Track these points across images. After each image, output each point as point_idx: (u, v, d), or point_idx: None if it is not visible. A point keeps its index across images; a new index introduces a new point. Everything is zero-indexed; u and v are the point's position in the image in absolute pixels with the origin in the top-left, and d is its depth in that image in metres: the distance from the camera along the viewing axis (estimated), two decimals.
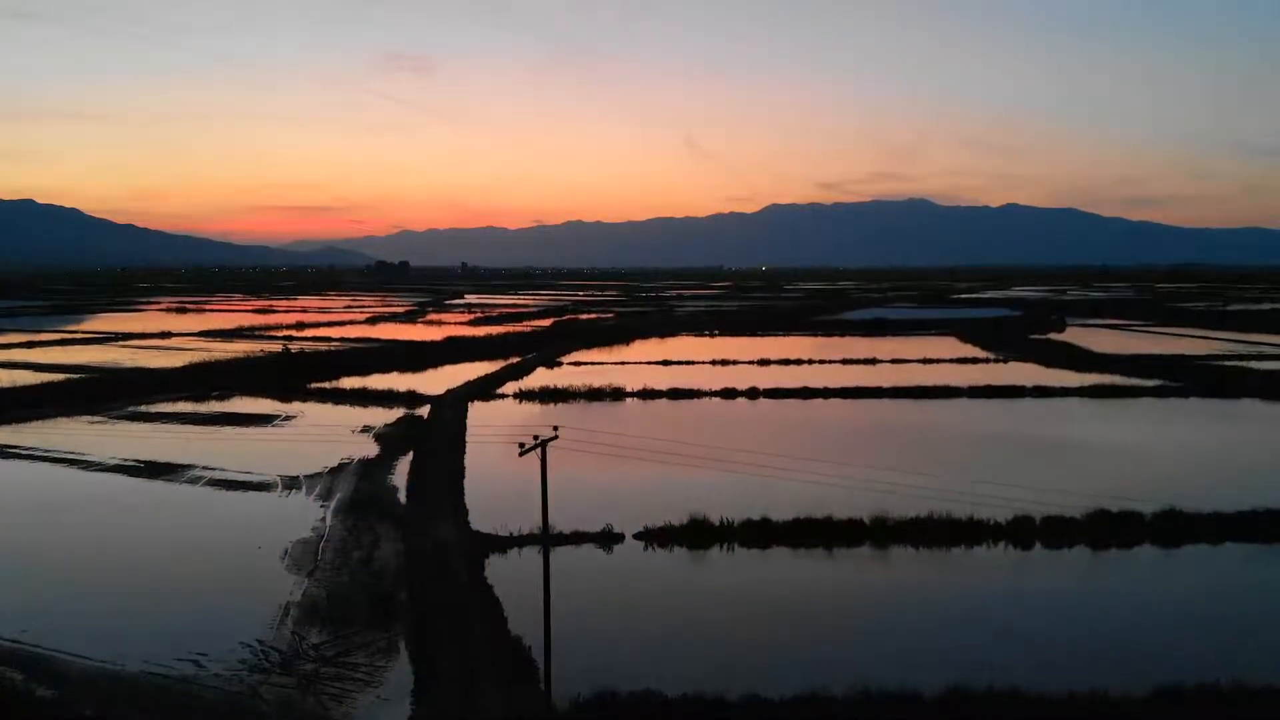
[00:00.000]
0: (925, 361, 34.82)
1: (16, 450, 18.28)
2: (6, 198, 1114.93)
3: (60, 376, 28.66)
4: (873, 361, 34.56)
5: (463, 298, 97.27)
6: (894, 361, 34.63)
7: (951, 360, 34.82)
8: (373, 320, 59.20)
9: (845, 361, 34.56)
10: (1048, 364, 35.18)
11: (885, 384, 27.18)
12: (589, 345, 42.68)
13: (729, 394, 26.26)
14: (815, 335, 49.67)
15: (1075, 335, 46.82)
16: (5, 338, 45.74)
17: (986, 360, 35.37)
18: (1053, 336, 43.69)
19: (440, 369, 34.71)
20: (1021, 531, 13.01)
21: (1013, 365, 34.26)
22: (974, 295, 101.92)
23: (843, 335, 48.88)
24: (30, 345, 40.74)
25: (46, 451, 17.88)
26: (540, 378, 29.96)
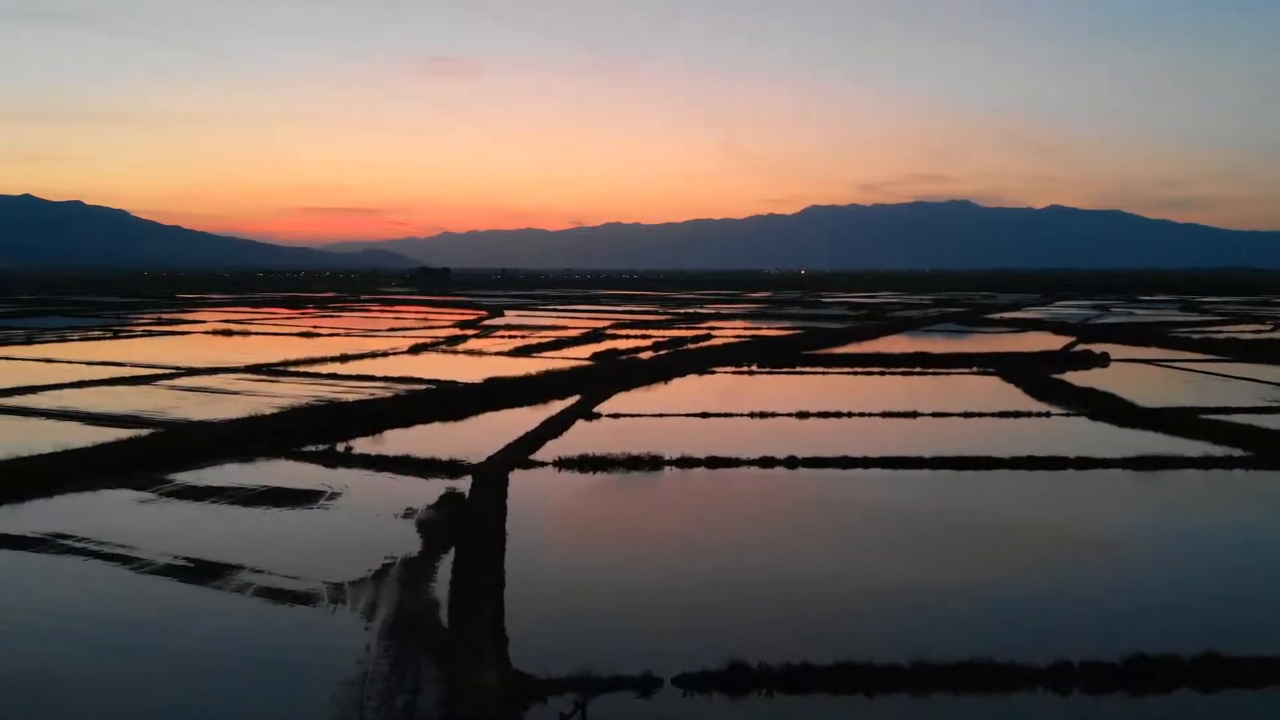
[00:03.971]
0: (966, 415, 34.55)
1: (70, 540, 18.61)
2: (56, 199, 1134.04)
3: (110, 434, 29.12)
4: (913, 415, 34.33)
5: (503, 315, 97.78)
6: (935, 415, 34.37)
7: (993, 414, 34.52)
8: (415, 350, 59.61)
9: (885, 415, 34.34)
10: (1093, 417, 34.81)
11: (925, 452, 26.92)
12: (627, 386, 42.73)
13: (767, 463, 26.18)
14: (855, 372, 49.37)
15: (1121, 377, 46.33)
16: (55, 371, 46.58)
17: (1028, 414, 35.00)
18: (1096, 380, 43.19)
19: (481, 417, 34.90)
20: (1060, 678, 12.94)
21: (1055, 421, 33.93)
22: (1017, 316, 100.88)
23: (883, 374, 48.58)
24: (80, 385, 41.44)
25: (99, 545, 18.16)
26: (579, 436, 30.04)
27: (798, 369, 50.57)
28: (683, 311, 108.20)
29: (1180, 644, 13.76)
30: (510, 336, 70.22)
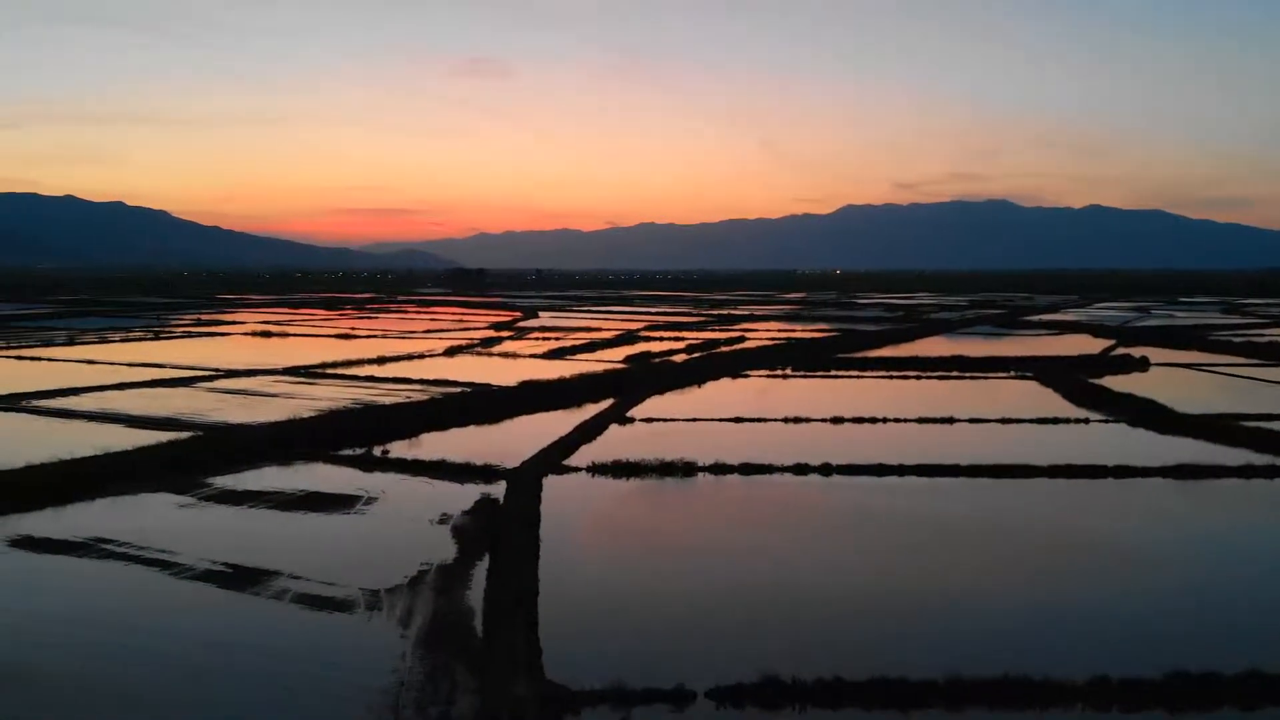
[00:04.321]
0: (1004, 421, 34.25)
1: (111, 545, 18.88)
2: (98, 200, 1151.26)
3: (150, 437, 29.52)
4: (950, 421, 34.08)
5: (537, 317, 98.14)
6: (972, 421, 34.10)
7: (1031, 420, 34.20)
8: (450, 352, 59.99)
9: (921, 421, 34.11)
10: (1133, 423, 34.41)
11: (963, 460, 26.72)
12: (661, 390, 42.75)
13: (801, 470, 26.09)
14: (890, 376, 49.09)
15: (1160, 381, 45.76)
16: (97, 373, 47.28)
17: (1067, 420, 34.64)
18: (1135, 385, 42.67)
19: (515, 420, 35.06)
20: (1098, 694, 12.81)
21: (1094, 428, 33.58)
22: (1055, 318, 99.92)
23: (919, 378, 48.27)
24: (122, 387, 42.04)
25: (140, 550, 18.42)
26: (613, 441, 30.09)
27: (832, 372, 50.40)
28: (716, 313, 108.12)
29: (1222, 661, 13.58)
30: (544, 338, 70.49)
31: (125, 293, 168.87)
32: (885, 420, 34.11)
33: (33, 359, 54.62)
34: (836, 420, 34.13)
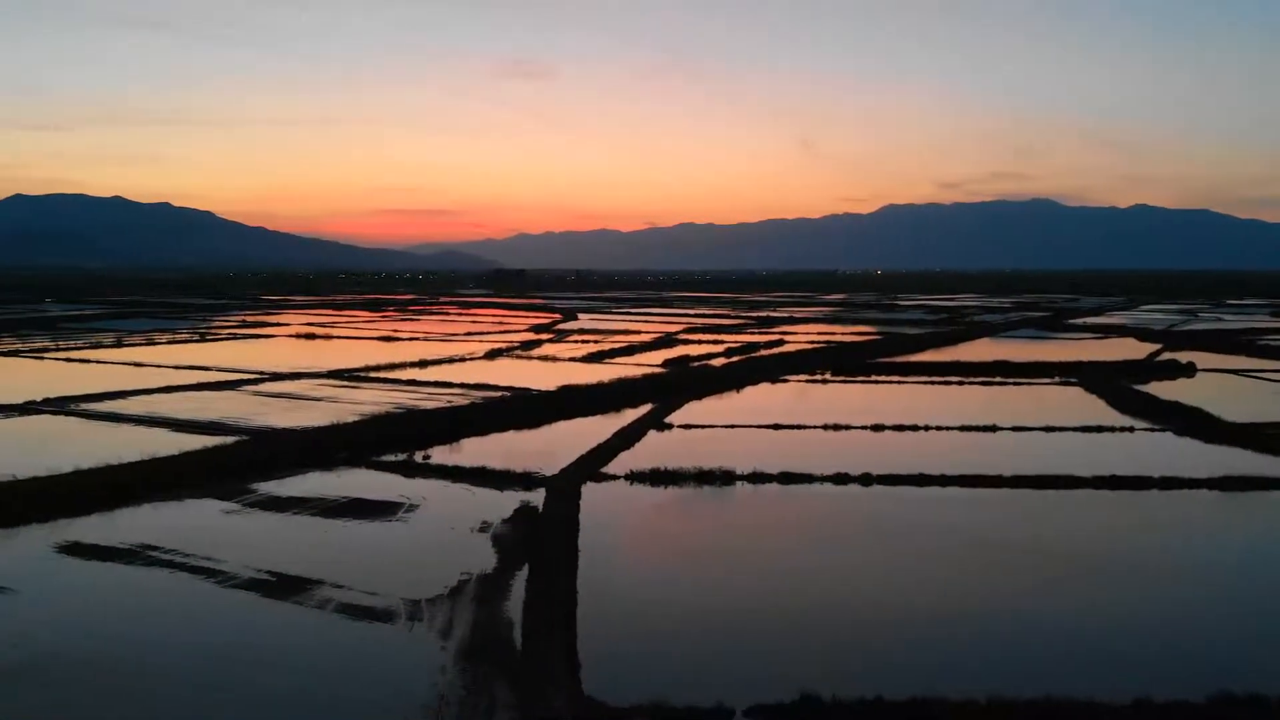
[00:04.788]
0: (1048, 430, 33.86)
1: (158, 552, 19.18)
2: (144, 201, 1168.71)
3: (196, 441, 29.95)
4: (993, 429, 33.75)
5: (576, 319, 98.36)
6: (1015, 429, 33.75)
7: (1075, 428, 33.78)
8: (491, 355, 60.32)
9: (963, 428, 33.80)
10: (1179, 432, 33.91)
11: (1005, 470, 26.47)
12: (699, 395, 42.73)
13: (841, 479, 25.96)
14: (932, 381, 48.70)
15: (1208, 388, 45.04)
16: (144, 376, 47.97)
17: (1111, 429, 34.18)
18: (1182, 392, 42.06)
19: (554, 425, 35.22)
20: (1141, 717, 12.65)
21: (1139, 436, 33.14)
22: (1100, 321, 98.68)
23: (961, 383, 47.86)
24: (168, 390, 42.68)
25: (186, 558, 18.69)
26: (651, 447, 30.13)
27: (873, 378, 50.06)
28: (755, 315, 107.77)
29: (1268, 683, 13.37)
30: (583, 341, 70.64)
31: (172, 293, 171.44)
32: (927, 428, 33.83)
33: (81, 361, 55.60)
34: (877, 427, 33.91)
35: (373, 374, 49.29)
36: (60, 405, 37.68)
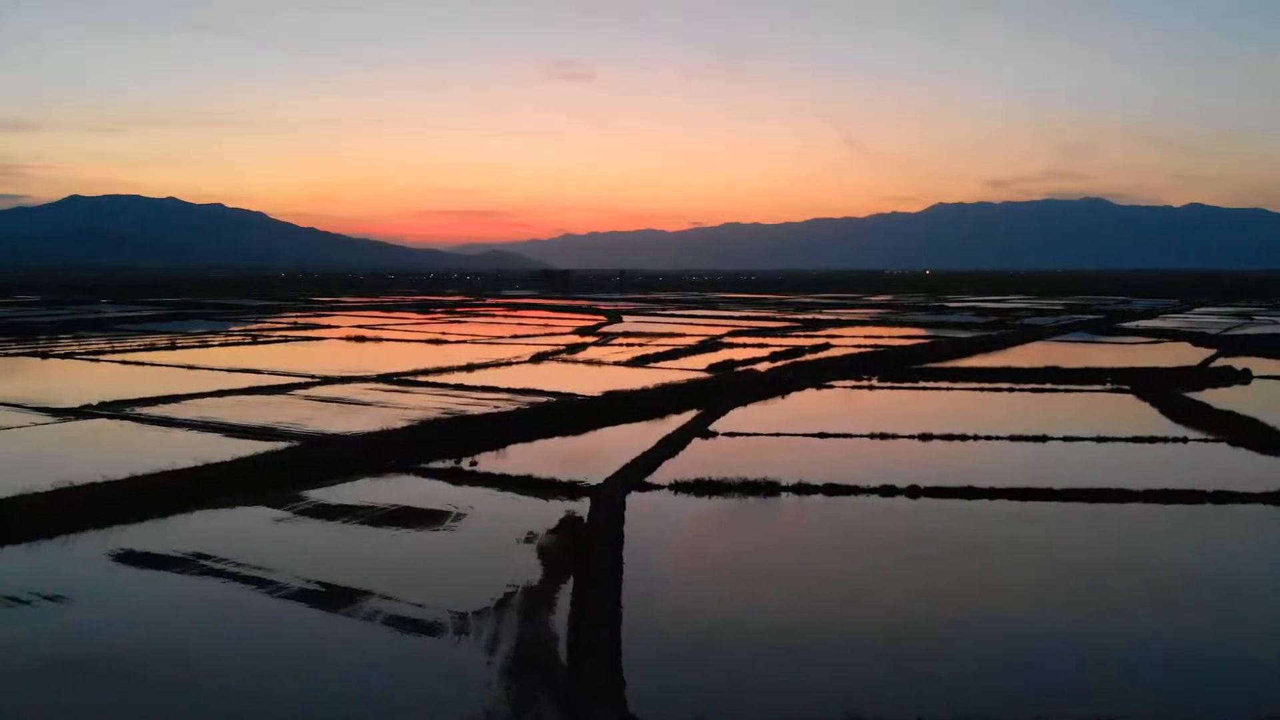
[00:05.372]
0: (1099, 440, 33.39)
1: (209, 561, 19.51)
2: (198, 202, 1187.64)
3: (247, 447, 30.44)
4: (1043, 439, 33.34)
5: (621, 321, 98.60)
6: (1065, 439, 33.32)
7: (1126, 439, 33.30)
8: (537, 359, 60.63)
9: (1013, 438, 33.42)
10: (1233, 443, 33.29)
11: (1056, 483, 26.16)
12: (744, 401, 42.66)
13: (888, 492, 25.77)
14: (981, 387, 48.20)
15: (1264, 396, 44.19)
16: (197, 379, 48.72)
17: (1164, 439, 33.63)
18: (1237, 400, 41.29)
19: (599, 432, 35.39)
20: None
21: (1192, 448, 32.59)
22: (1152, 325, 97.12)
23: (1011, 390, 47.31)
24: (221, 394, 43.34)
25: (237, 567, 18.99)
26: (695, 456, 30.17)
27: (920, 384, 49.65)
28: (801, 318, 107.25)
29: None
30: (628, 345, 70.76)
31: (225, 294, 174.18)
32: (975, 438, 33.48)
33: (136, 363, 56.68)
34: (925, 437, 33.62)
35: (421, 378, 49.73)
36: (115, 409, 38.40)
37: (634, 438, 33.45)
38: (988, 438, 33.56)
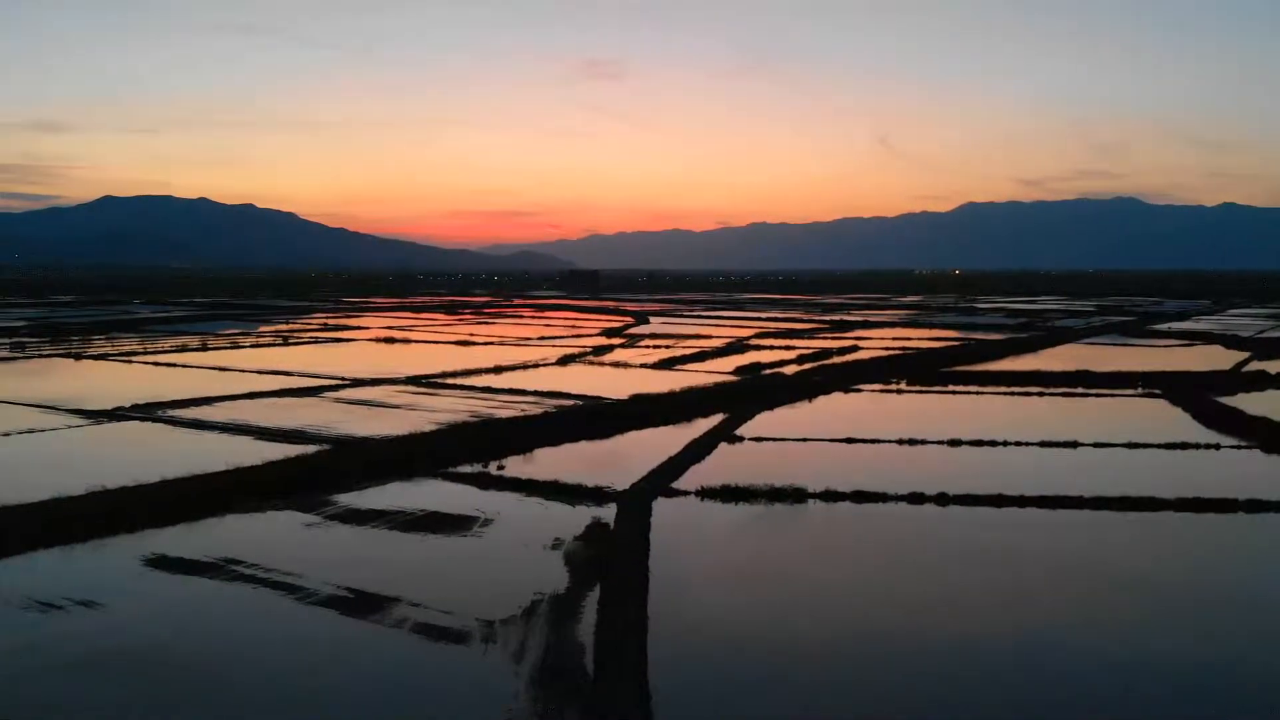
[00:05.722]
0: (1130, 446, 33.08)
1: (240, 566, 19.69)
2: (230, 202, 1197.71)
3: (278, 450, 30.71)
4: (1073, 445, 33.06)
5: (648, 323, 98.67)
6: (1096, 446, 33.02)
7: (1158, 445, 32.98)
8: (563, 361, 60.75)
9: (1043, 444, 33.16)
10: (1267, 450, 32.92)
11: (1086, 491, 25.94)
12: (770, 405, 42.57)
13: (916, 499, 25.65)
14: (1011, 391, 47.86)
15: None
16: (228, 381, 49.11)
17: (1196, 446, 33.27)
18: (1271, 406, 40.79)
19: (626, 436, 35.45)
20: None
21: (1225, 455, 32.26)
22: (1184, 327, 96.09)
23: (1041, 394, 46.95)
24: (252, 396, 43.70)
25: (267, 572, 19.17)
26: (722, 461, 30.16)
27: (950, 387, 49.33)
28: (829, 319, 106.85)
29: None
30: (655, 347, 70.77)
31: (256, 294, 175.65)
32: (1005, 443, 33.25)
33: (168, 365, 57.28)
34: (954, 443, 33.41)
35: (449, 380, 49.96)
36: (148, 411, 38.82)
37: (660, 442, 33.46)
38: (1017, 443, 33.32)
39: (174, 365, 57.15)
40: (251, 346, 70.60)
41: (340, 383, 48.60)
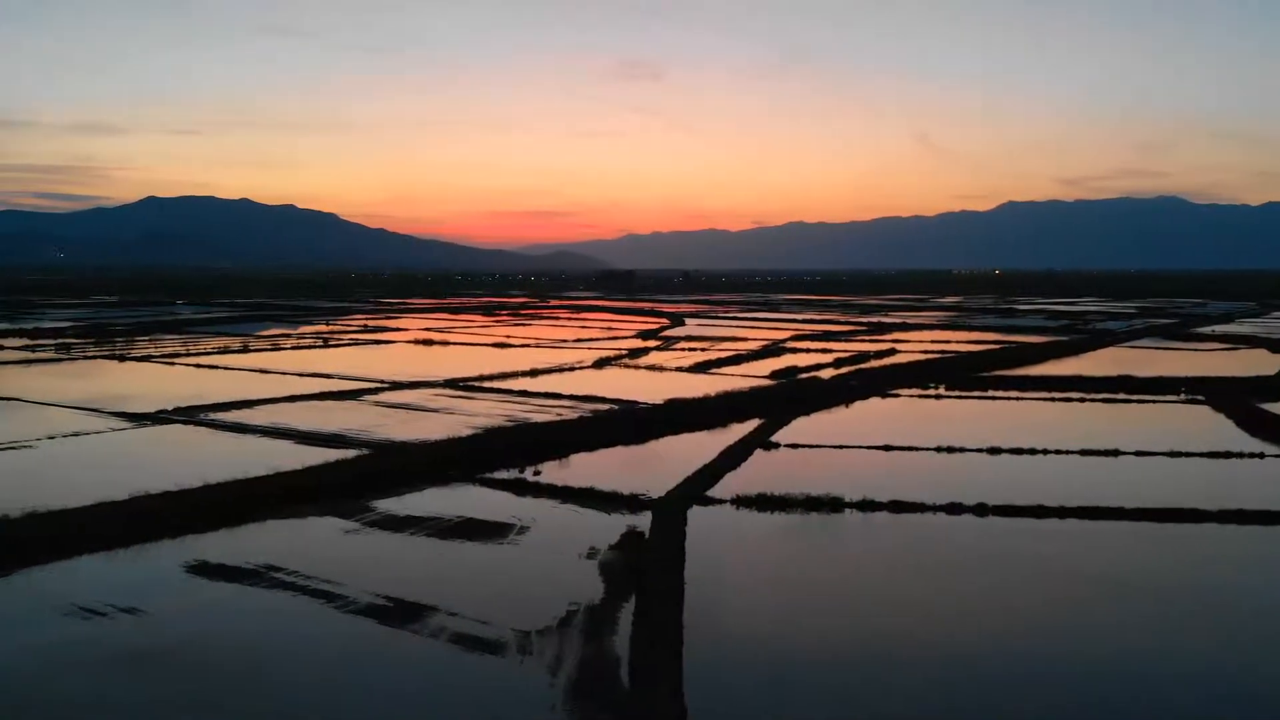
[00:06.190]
0: (1172, 455, 32.67)
1: (280, 573, 19.93)
2: (271, 203, 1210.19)
3: (318, 455, 31.04)
4: (1114, 454, 32.70)
5: (683, 324, 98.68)
6: (1137, 454, 32.65)
7: (1201, 454, 32.58)
8: (599, 364, 60.89)
9: (1084, 453, 32.82)
10: None
11: (1127, 502, 25.67)
12: (807, 410, 42.50)
13: (955, 509, 25.46)
14: (1051, 397, 47.42)
15: None
16: (269, 384, 49.63)
17: (1239, 455, 32.80)
18: None
19: (661, 441, 35.53)
20: None
21: (1269, 464, 31.87)
22: (1228, 330, 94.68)
23: (1082, 399, 46.49)
24: (293, 399, 44.16)
25: (307, 580, 19.39)
26: (757, 469, 30.15)
27: (989, 392, 48.93)
28: (866, 321, 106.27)
29: None
30: (690, 350, 70.71)
31: (296, 294, 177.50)
32: (1045, 452, 32.93)
33: (210, 367, 58.03)
34: (993, 451, 33.14)
35: (486, 383, 50.23)
36: (190, 414, 39.37)
37: (696, 448, 33.47)
38: (1057, 452, 32.98)
39: (215, 367, 57.89)
40: (292, 348, 71.35)
41: (379, 385, 49.02)
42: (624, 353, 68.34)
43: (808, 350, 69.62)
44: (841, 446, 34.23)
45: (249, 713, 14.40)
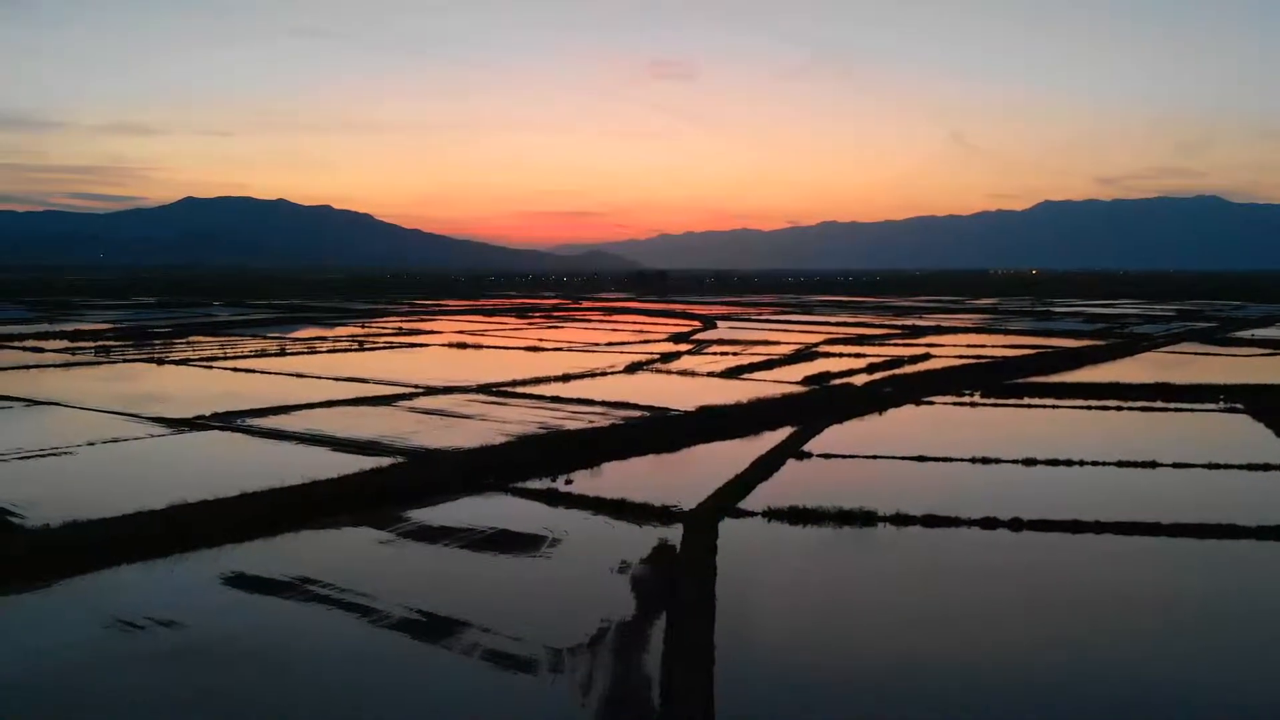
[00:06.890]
0: (1210, 467, 32.28)
1: (315, 586, 20.12)
2: (307, 204, 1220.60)
3: (353, 463, 31.34)
4: (1152, 465, 32.35)
5: (715, 327, 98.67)
6: (1175, 466, 32.27)
7: (1241, 466, 32.17)
8: (631, 369, 60.99)
9: (1120, 464, 32.49)
10: None
11: (1164, 516, 25.38)
12: (839, 418, 42.34)
13: (989, 524, 25.27)
14: (1089, 405, 46.92)
15: None
16: (306, 388, 50.03)
17: (1278, 468, 32.33)
18: None
19: (693, 450, 35.58)
20: None
21: None
22: (1268, 334, 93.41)
23: (1119, 407, 45.98)
24: (329, 405, 44.54)
25: (341, 593, 19.57)
26: (789, 480, 30.12)
27: (1025, 400, 48.48)
28: (900, 323, 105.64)
29: None
30: (721, 354, 70.61)
31: (332, 295, 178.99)
32: (1081, 463, 32.56)
33: (247, 371, 58.63)
34: (1029, 462, 32.84)
35: (518, 389, 50.42)
36: (227, 420, 39.79)
37: (727, 457, 33.42)
38: (1094, 463, 32.62)
39: (252, 371, 58.48)
40: (328, 351, 71.96)
41: (414, 391, 49.34)
42: (656, 357, 68.35)
43: (840, 355, 69.28)
44: (874, 457, 34.07)
45: None
